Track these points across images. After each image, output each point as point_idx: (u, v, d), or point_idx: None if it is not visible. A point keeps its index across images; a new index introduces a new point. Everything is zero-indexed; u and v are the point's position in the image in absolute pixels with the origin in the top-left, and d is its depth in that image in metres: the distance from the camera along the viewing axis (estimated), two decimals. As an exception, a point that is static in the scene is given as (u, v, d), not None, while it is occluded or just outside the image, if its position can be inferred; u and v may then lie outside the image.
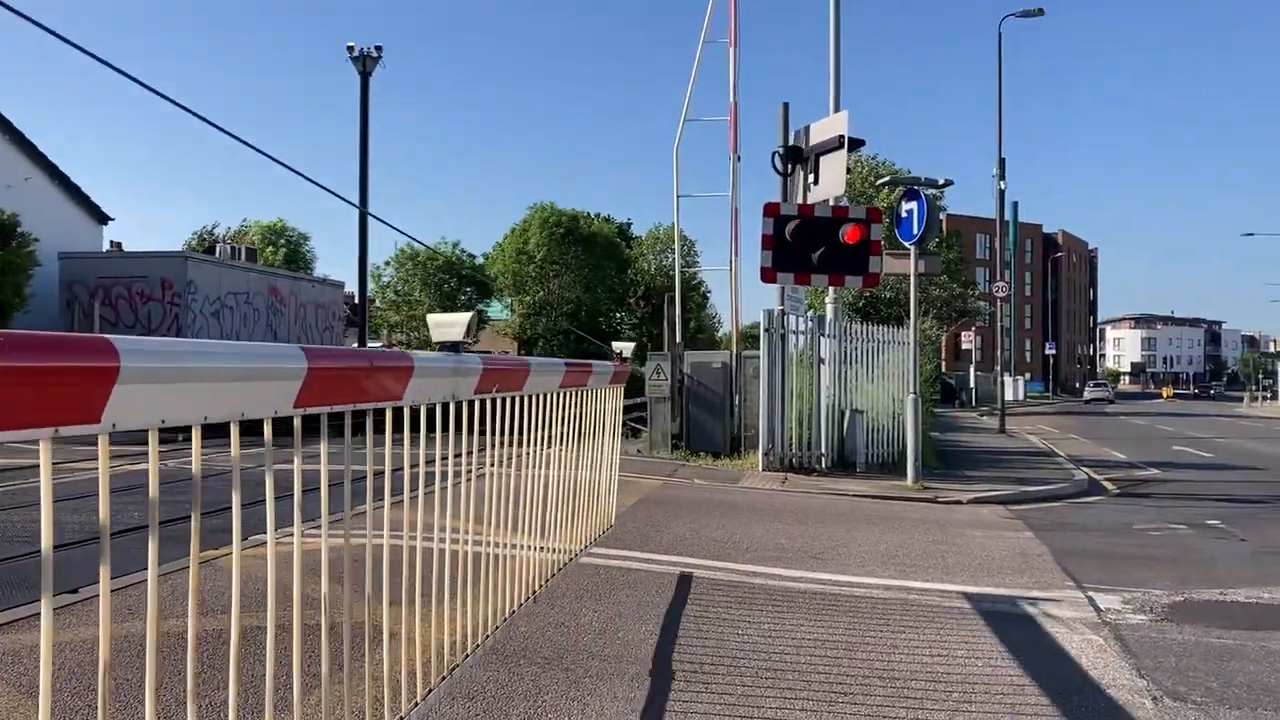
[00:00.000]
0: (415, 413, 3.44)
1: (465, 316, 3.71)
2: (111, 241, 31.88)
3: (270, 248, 47.73)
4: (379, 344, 48.44)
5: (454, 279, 55.45)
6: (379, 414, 3.10)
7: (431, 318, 3.76)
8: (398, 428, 3.41)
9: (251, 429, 2.39)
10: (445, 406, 3.73)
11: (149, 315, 23.91)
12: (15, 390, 1.53)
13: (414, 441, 3.94)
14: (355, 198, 30.09)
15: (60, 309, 23.99)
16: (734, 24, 19.22)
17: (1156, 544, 10.10)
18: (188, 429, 2.14)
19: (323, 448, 2.76)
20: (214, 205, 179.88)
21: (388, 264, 56.77)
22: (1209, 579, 8.08)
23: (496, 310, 58.68)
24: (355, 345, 33.14)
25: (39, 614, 1.61)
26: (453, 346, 3.68)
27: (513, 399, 4.53)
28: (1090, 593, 7.36)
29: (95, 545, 7.36)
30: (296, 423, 2.55)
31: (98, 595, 5.82)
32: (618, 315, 58.18)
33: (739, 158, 19.16)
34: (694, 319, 50.74)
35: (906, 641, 5.71)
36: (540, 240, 53.18)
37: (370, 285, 37.16)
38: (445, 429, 3.99)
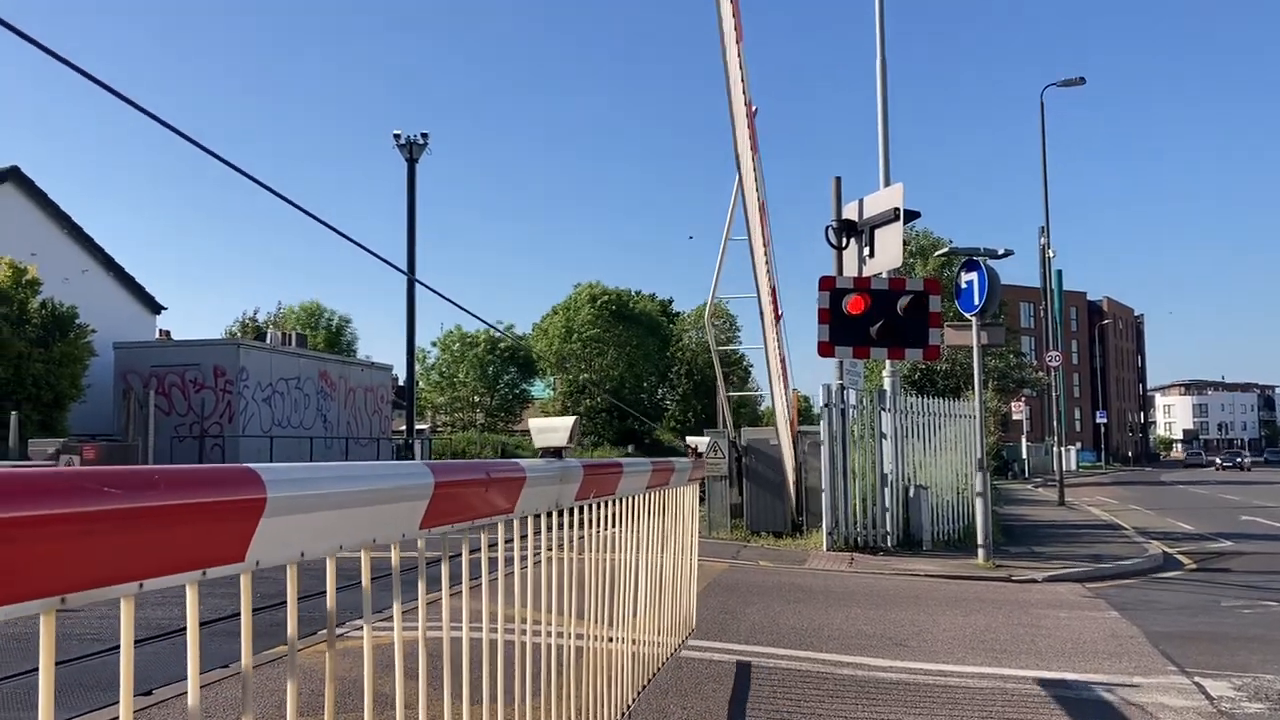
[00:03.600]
0: (522, 524, 3.25)
1: (568, 421, 3.55)
2: (160, 330, 32.40)
3: (310, 330, 48.19)
4: (424, 426, 48.56)
5: (499, 360, 55.78)
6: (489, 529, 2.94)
7: (534, 423, 3.61)
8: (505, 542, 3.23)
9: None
10: (549, 515, 3.52)
11: (202, 403, 24.10)
12: (170, 531, 1.40)
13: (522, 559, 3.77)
14: (402, 282, 30.42)
15: (115, 399, 24.26)
16: (763, 225, 15.73)
17: (1252, 623, 9.62)
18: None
19: (444, 572, 2.59)
20: (254, 290, 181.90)
21: (434, 344, 57.31)
22: (1320, 662, 7.64)
23: (539, 389, 58.86)
24: (404, 428, 33.21)
25: (117, 717, 1.44)
26: (555, 452, 3.52)
27: (606, 502, 4.35)
28: (1197, 678, 6.96)
29: (164, 643, 7.12)
30: (421, 544, 2.39)
31: (172, 698, 5.60)
32: (659, 391, 58.17)
33: (779, 317, 16.84)
34: (736, 392, 50.53)
35: (1017, 737, 5.39)
36: (587, 318, 53.37)
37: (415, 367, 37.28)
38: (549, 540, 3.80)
